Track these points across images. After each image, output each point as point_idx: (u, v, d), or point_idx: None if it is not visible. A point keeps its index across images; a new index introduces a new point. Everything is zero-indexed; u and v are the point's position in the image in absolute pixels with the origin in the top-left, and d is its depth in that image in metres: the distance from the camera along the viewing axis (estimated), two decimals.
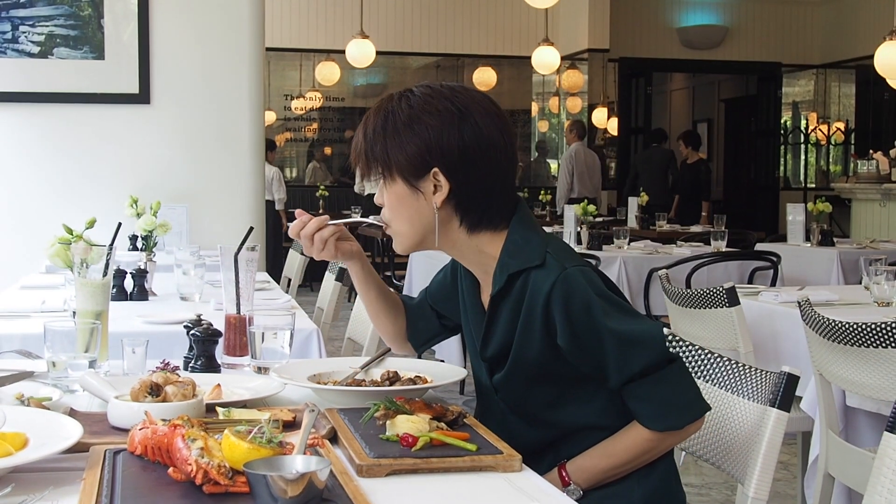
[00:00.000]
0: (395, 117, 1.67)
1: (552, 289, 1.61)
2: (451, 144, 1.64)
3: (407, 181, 1.67)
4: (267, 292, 3.39)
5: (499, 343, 1.71)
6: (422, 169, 1.66)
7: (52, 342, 1.82)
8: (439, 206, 1.67)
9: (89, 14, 4.78)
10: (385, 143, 1.67)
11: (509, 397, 1.74)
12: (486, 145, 1.66)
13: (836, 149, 13.31)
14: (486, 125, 1.67)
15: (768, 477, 1.69)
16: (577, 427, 1.71)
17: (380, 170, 1.69)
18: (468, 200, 1.68)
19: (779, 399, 1.69)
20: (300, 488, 1.12)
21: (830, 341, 2.51)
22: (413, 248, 1.74)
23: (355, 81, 12.10)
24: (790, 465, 3.99)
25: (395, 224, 1.72)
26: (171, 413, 1.43)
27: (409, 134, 1.65)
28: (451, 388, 5.32)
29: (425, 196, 1.67)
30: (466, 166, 1.65)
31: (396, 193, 1.69)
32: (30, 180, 4.82)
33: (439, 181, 1.66)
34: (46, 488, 1.24)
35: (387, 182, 1.70)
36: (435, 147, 1.64)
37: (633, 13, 12.26)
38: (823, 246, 6.04)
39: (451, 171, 1.65)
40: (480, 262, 1.73)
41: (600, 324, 1.60)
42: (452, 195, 1.66)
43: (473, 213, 1.69)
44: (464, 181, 1.66)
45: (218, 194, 4.92)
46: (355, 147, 1.73)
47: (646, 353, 1.61)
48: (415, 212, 1.69)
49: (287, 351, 1.99)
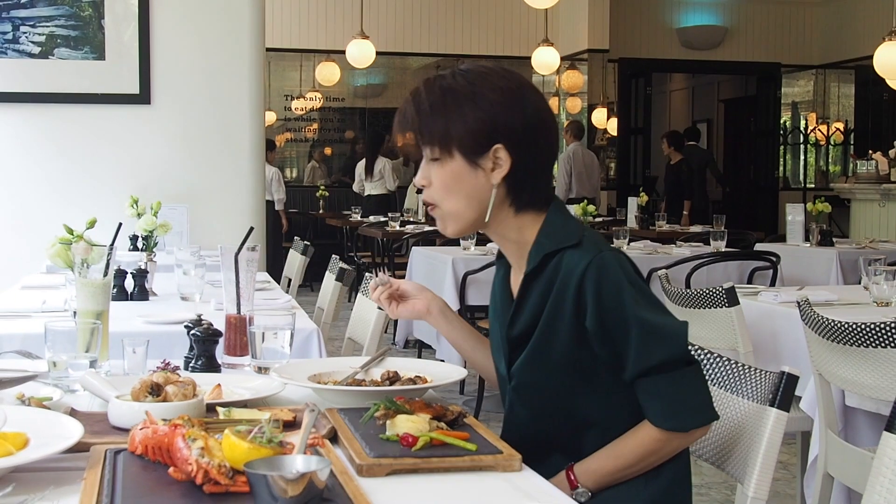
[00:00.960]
0: (454, 92, 1.64)
1: (586, 269, 1.60)
2: (516, 120, 1.64)
3: (467, 157, 1.64)
4: (267, 292, 3.40)
5: (525, 322, 1.69)
6: (484, 145, 1.64)
7: (53, 342, 1.82)
8: (498, 184, 1.65)
9: (90, 14, 4.78)
10: (446, 119, 1.64)
11: (522, 385, 1.72)
12: (543, 123, 1.67)
13: (835, 149, 13.31)
14: (540, 103, 1.68)
15: (768, 477, 1.69)
16: (584, 424, 1.70)
17: (436, 146, 1.66)
18: (524, 178, 1.67)
19: (778, 399, 1.69)
20: (300, 488, 1.13)
21: (830, 341, 2.51)
22: (466, 229, 1.71)
23: (355, 82, 12.10)
24: (789, 465, 3.99)
25: (449, 204, 1.69)
26: (171, 413, 1.44)
27: (472, 108, 1.63)
28: (452, 388, 5.32)
29: (485, 173, 1.65)
30: (528, 143, 1.65)
31: (453, 171, 1.66)
32: (30, 180, 4.82)
33: (499, 157, 1.64)
34: (47, 488, 1.24)
35: (442, 159, 1.66)
36: (501, 123, 1.63)
37: (633, 14, 12.26)
38: (823, 246, 6.04)
39: (514, 147, 1.63)
40: (518, 243, 1.72)
41: (629, 310, 1.59)
42: (511, 173, 1.65)
43: (524, 192, 1.68)
44: (524, 158, 1.65)
45: (218, 194, 4.93)
46: (404, 124, 1.69)
47: (667, 348, 1.61)
48: (472, 189, 1.66)
49: (287, 351, 1.99)
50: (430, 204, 1.72)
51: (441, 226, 1.74)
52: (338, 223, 9.79)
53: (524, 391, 1.73)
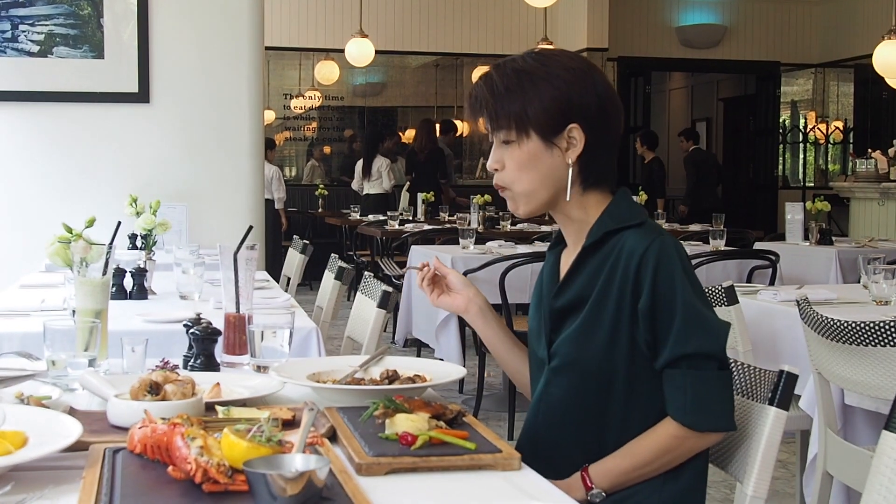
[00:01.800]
0: (528, 73, 1.67)
1: (647, 250, 1.63)
2: (590, 99, 1.67)
3: (543, 137, 1.67)
4: (266, 291, 3.39)
5: (573, 295, 1.71)
6: (560, 124, 1.67)
7: (52, 341, 1.82)
8: (573, 162, 1.68)
9: (89, 13, 4.78)
10: (523, 99, 1.67)
11: (562, 363, 1.72)
12: (612, 102, 1.71)
13: (834, 148, 13.30)
14: (607, 84, 1.72)
15: (767, 475, 1.69)
16: (608, 416, 1.70)
17: (512, 128, 1.68)
18: (594, 158, 1.70)
19: (778, 397, 1.69)
20: (299, 487, 1.13)
21: (829, 340, 2.51)
22: (537, 209, 1.74)
23: (354, 80, 12.09)
24: (789, 464, 3.99)
25: (522, 184, 1.71)
26: (170, 412, 1.43)
27: (548, 88, 1.67)
28: (451, 386, 5.32)
29: (560, 152, 1.68)
30: (601, 122, 1.69)
31: (529, 151, 1.68)
32: (29, 179, 4.82)
33: (574, 137, 1.67)
34: (46, 487, 1.24)
35: (518, 141, 1.69)
36: (576, 102, 1.66)
37: (632, 12, 12.26)
38: (822, 245, 6.04)
39: (589, 125, 1.67)
40: (581, 222, 1.75)
41: (679, 296, 1.62)
42: (584, 152, 1.68)
43: (594, 171, 1.72)
44: (596, 137, 1.68)
45: (217, 193, 4.92)
46: (476, 108, 1.72)
47: (705, 340, 1.62)
48: (548, 169, 1.69)
49: (286, 349, 1.99)
50: (502, 187, 1.74)
51: (512, 206, 1.77)
52: (337, 222, 9.79)
53: (563, 369, 1.73)
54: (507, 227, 7.56)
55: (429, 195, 9.20)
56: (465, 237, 5.56)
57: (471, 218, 7.61)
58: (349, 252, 8.99)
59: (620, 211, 1.71)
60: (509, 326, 4.64)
